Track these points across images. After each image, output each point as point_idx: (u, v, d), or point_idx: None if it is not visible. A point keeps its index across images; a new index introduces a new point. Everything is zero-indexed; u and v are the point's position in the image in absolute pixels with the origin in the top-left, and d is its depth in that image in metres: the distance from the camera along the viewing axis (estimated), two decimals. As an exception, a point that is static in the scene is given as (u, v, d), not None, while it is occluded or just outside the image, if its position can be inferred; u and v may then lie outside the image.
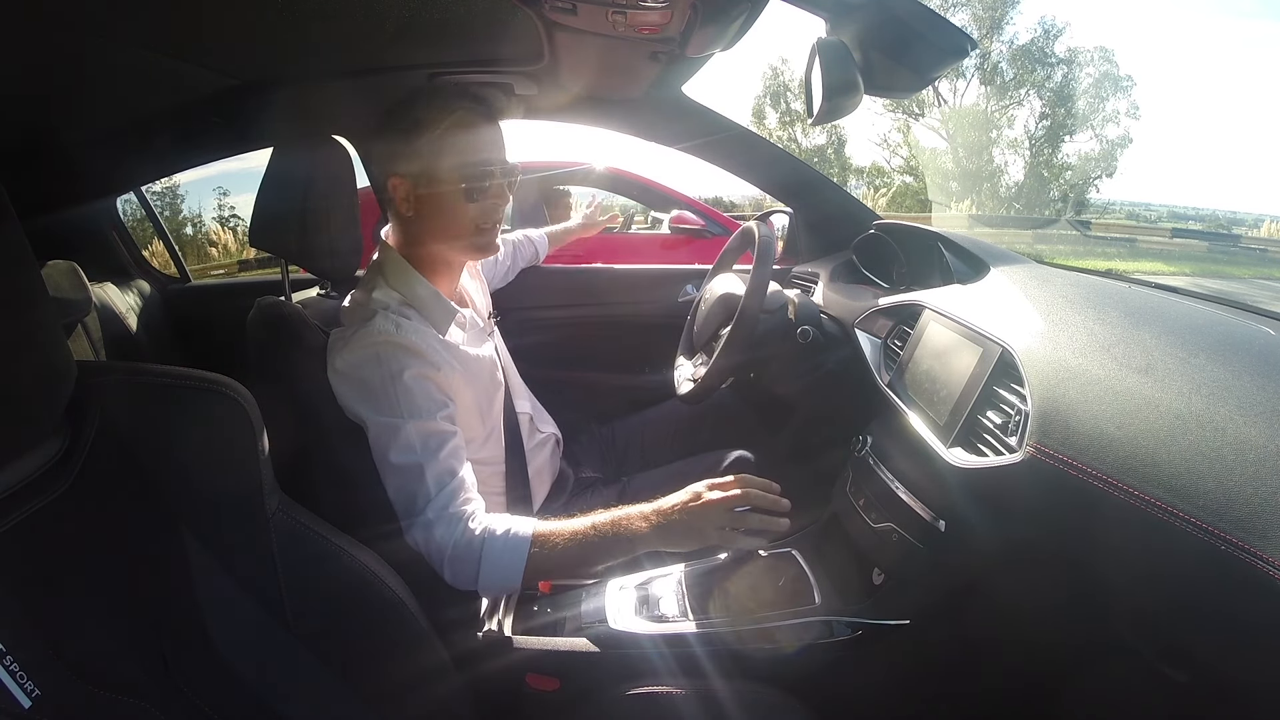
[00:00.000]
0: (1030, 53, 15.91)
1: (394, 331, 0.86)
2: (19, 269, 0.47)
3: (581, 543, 0.81)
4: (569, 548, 0.81)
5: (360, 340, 0.86)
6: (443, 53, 1.05)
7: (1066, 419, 0.62)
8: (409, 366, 0.85)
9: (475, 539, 0.80)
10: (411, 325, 0.89)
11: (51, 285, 1.25)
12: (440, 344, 0.92)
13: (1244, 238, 14.35)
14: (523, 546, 0.80)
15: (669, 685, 0.80)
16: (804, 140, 18.02)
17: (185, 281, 1.90)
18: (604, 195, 4.22)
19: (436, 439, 0.84)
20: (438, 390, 0.88)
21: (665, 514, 0.82)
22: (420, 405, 0.85)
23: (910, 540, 0.82)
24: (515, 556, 0.80)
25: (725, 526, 0.81)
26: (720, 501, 0.82)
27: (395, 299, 0.92)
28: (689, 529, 0.81)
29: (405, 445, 0.83)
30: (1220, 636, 0.51)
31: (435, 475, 0.83)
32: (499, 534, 0.81)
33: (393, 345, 0.86)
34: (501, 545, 0.80)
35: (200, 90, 1.05)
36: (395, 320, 0.88)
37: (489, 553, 0.79)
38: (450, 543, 0.80)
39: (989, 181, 16.74)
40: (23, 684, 0.45)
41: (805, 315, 1.16)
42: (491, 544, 0.80)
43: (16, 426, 0.49)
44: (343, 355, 0.87)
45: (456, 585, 0.81)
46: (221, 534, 0.60)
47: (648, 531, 0.81)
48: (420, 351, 0.87)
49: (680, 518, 0.81)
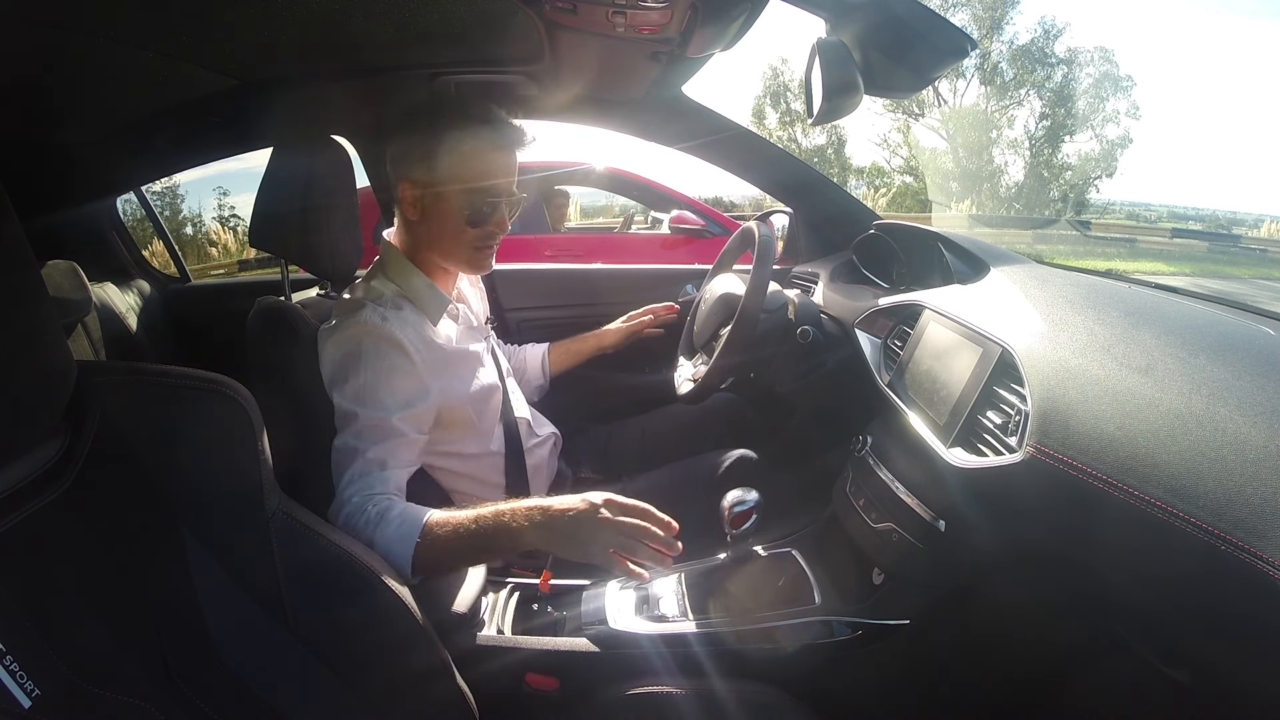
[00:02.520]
0: (1030, 53, 15.90)
1: (379, 324, 0.89)
2: (19, 269, 0.47)
3: (465, 536, 0.79)
4: (452, 541, 0.79)
5: (344, 328, 0.90)
6: (443, 53, 1.05)
7: (1066, 419, 0.62)
8: (385, 358, 0.89)
9: (370, 524, 0.80)
10: (399, 317, 0.92)
11: (51, 285, 1.25)
12: (424, 338, 0.95)
13: (1244, 238, 14.33)
14: (410, 538, 0.79)
15: (669, 685, 0.80)
16: (804, 140, 18.01)
17: (185, 281, 1.91)
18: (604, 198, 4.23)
19: (379, 433, 0.88)
20: (409, 383, 0.91)
21: (551, 516, 0.77)
22: (380, 400, 0.88)
23: (910, 540, 0.82)
24: (404, 548, 0.78)
25: (611, 549, 0.75)
26: (613, 524, 0.75)
27: (391, 290, 0.96)
28: (572, 538, 0.76)
29: (352, 433, 0.87)
30: (1220, 636, 0.51)
31: (363, 464, 0.86)
32: (391, 523, 0.80)
33: (375, 336, 0.89)
34: (392, 534, 0.79)
35: (200, 90, 1.05)
36: (382, 313, 0.90)
37: (379, 540, 0.79)
38: (349, 526, 0.81)
39: (989, 181, 16.74)
40: (23, 684, 0.45)
41: (805, 315, 1.16)
42: (382, 532, 0.80)
43: (16, 426, 0.49)
44: (328, 341, 0.91)
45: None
46: (221, 534, 0.60)
47: (528, 529, 0.76)
48: (400, 344, 0.90)
49: (566, 525, 0.76)
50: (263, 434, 0.61)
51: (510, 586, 1.01)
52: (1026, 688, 0.80)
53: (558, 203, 4.12)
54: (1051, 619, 0.73)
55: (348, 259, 1.07)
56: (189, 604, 0.58)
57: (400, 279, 0.97)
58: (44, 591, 0.49)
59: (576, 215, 6.84)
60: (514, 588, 1.01)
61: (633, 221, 4.84)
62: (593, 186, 4.62)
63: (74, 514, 0.52)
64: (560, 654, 0.87)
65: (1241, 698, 0.52)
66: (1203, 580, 0.49)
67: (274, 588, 0.61)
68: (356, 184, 1.12)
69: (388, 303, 0.93)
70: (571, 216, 5.18)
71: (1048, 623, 0.74)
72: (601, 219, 8.52)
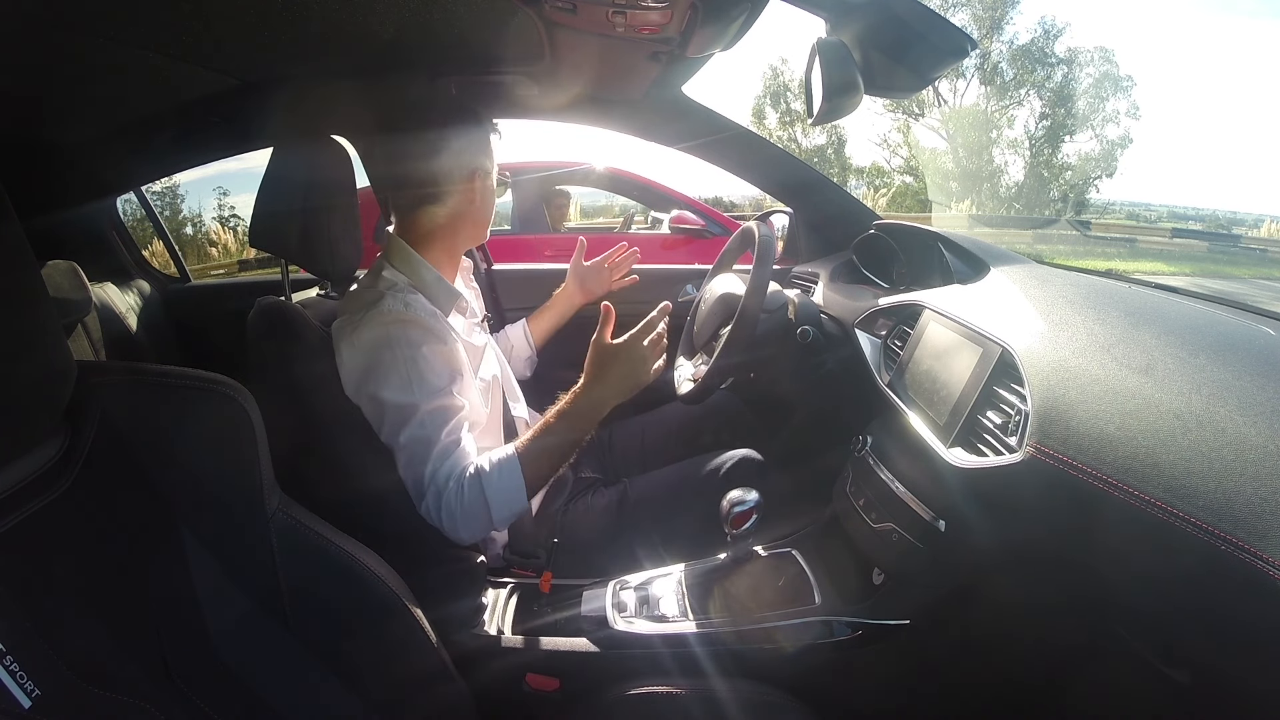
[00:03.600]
0: (1030, 53, 15.90)
1: (403, 310, 0.90)
2: (19, 269, 0.47)
3: (551, 445, 0.91)
4: (547, 441, 0.91)
5: (371, 321, 0.89)
6: (443, 53, 1.05)
7: (1066, 419, 0.62)
8: (422, 343, 0.89)
9: (476, 485, 0.87)
10: (419, 302, 0.93)
11: (51, 285, 1.25)
12: (442, 324, 0.96)
13: (1244, 238, 14.33)
14: (514, 465, 0.89)
15: (669, 685, 0.80)
16: (804, 140, 18.01)
17: (185, 281, 1.90)
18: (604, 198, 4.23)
19: (443, 415, 0.89)
20: (448, 360, 0.92)
21: (596, 381, 0.92)
22: (431, 383, 0.89)
23: (910, 540, 0.82)
24: (513, 478, 0.88)
25: (646, 359, 0.92)
26: (638, 346, 0.92)
27: (402, 280, 0.97)
28: (626, 378, 0.92)
29: (417, 425, 0.88)
30: (1220, 637, 0.51)
31: (441, 449, 0.88)
32: (490, 469, 0.88)
33: (403, 323, 0.89)
34: (498, 474, 0.88)
35: (200, 90, 1.05)
36: (403, 299, 0.91)
37: (490, 487, 0.87)
38: (459, 501, 0.86)
39: (989, 181, 16.73)
40: (23, 684, 0.44)
41: (805, 315, 1.16)
42: (488, 479, 0.87)
43: (16, 426, 0.49)
44: (353, 337, 0.90)
45: (475, 537, 0.89)
46: (221, 534, 0.60)
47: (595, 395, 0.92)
48: (429, 327, 0.91)
49: (615, 378, 0.92)
50: (263, 434, 0.61)
51: (510, 586, 1.01)
52: (1026, 688, 0.80)
53: (558, 203, 4.11)
54: (1051, 619, 0.73)
55: (348, 259, 1.07)
56: (189, 604, 0.58)
57: (409, 272, 0.98)
58: (44, 591, 0.49)
59: (576, 215, 6.84)
60: (514, 588, 1.01)
61: (633, 221, 4.84)
62: (593, 186, 4.61)
63: (74, 514, 0.52)
64: (560, 654, 0.88)
65: (1241, 698, 0.52)
66: (1203, 580, 0.49)
67: (274, 587, 0.61)
68: (356, 184, 1.12)
69: (402, 292, 0.94)
70: (572, 216, 5.18)
71: (1048, 623, 0.74)
72: (601, 219, 8.52)
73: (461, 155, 0.98)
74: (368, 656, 0.67)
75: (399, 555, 0.78)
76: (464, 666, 0.78)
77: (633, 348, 0.92)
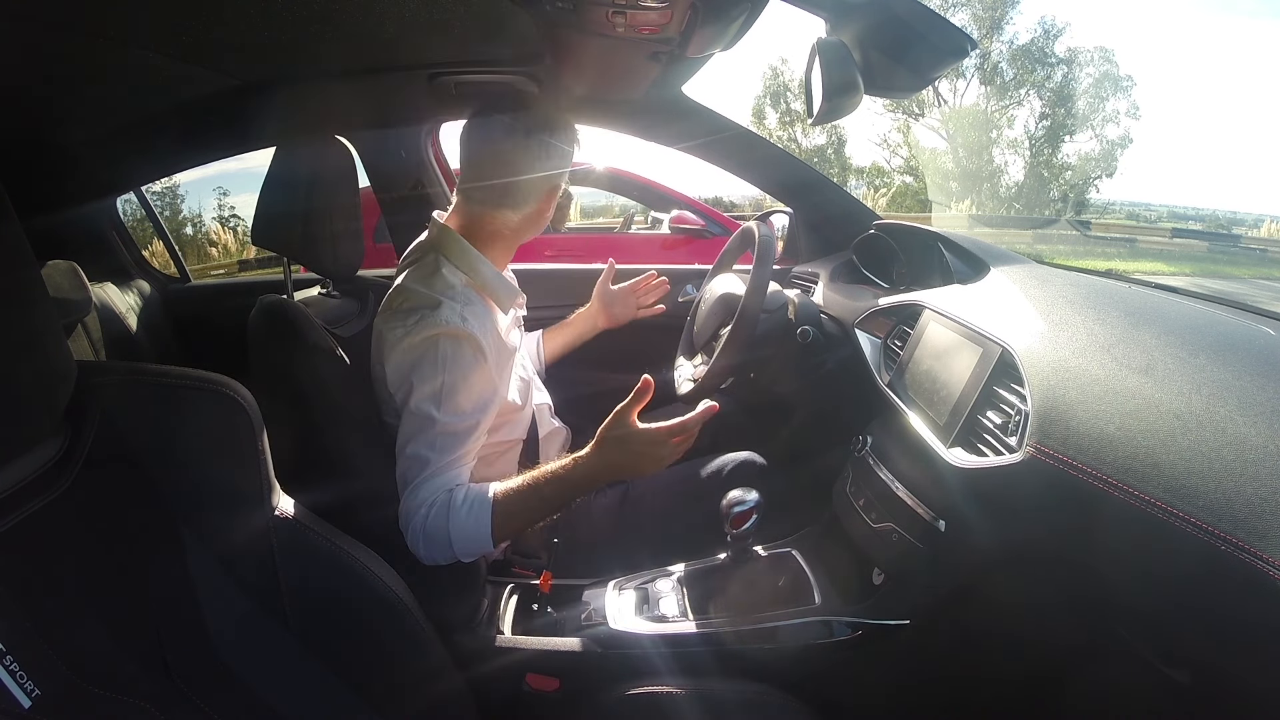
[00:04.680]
0: (1030, 53, 15.89)
1: (460, 325, 0.88)
2: (19, 269, 0.47)
3: (540, 495, 0.87)
4: (530, 502, 0.87)
5: (422, 328, 0.88)
6: (443, 53, 1.05)
7: (1066, 419, 0.62)
8: (465, 362, 0.88)
9: (443, 517, 0.85)
10: (475, 313, 0.91)
11: (51, 285, 1.25)
12: (496, 334, 0.94)
13: (1244, 238, 14.33)
14: (485, 511, 0.85)
15: (669, 685, 0.80)
16: (804, 140, 18.00)
17: (185, 281, 1.90)
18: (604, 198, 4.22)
19: (454, 440, 0.88)
20: (485, 387, 0.91)
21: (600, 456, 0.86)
22: (460, 407, 0.88)
23: (910, 540, 0.82)
24: (480, 525, 0.85)
25: (665, 458, 0.87)
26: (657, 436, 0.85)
27: (460, 280, 0.94)
28: (635, 468, 0.87)
29: (425, 441, 0.87)
30: (1220, 637, 0.51)
31: (433, 471, 0.87)
32: (461, 506, 0.86)
33: (455, 338, 0.88)
34: (466, 513, 0.85)
35: (200, 90, 1.05)
36: (460, 311, 0.89)
37: (455, 526, 0.84)
38: (423, 527, 0.85)
39: (989, 181, 16.73)
40: (23, 684, 0.45)
41: (805, 315, 1.16)
42: (455, 515, 0.85)
43: (16, 426, 0.49)
44: (406, 340, 0.88)
45: (436, 562, 0.86)
46: (221, 534, 0.60)
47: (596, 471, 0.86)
48: (480, 345, 0.89)
49: (619, 457, 0.85)
50: (263, 434, 0.61)
51: (510, 586, 1.01)
52: (1026, 688, 0.80)
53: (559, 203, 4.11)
54: (1051, 619, 0.73)
55: (350, 258, 1.07)
56: (189, 604, 0.58)
57: (467, 268, 0.95)
58: (44, 591, 0.49)
59: (577, 215, 6.84)
60: (514, 588, 1.01)
61: (633, 221, 4.83)
62: (593, 186, 4.60)
63: (74, 514, 0.52)
64: (560, 654, 0.87)
65: (1241, 698, 0.52)
66: (1203, 580, 0.49)
67: (274, 587, 0.61)
68: (358, 184, 1.13)
69: (461, 297, 0.91)
70: (572, 216, 5.17)
71: (1048, 623, 0.74)
72: (601, 219, 8.51)
73: (551, 170, 0.99)
74: (368, 656, 0.67)
75: (399, 555, 0.78)
76: (464, 666, 0.78)
77: (658, 442, 0.84)
